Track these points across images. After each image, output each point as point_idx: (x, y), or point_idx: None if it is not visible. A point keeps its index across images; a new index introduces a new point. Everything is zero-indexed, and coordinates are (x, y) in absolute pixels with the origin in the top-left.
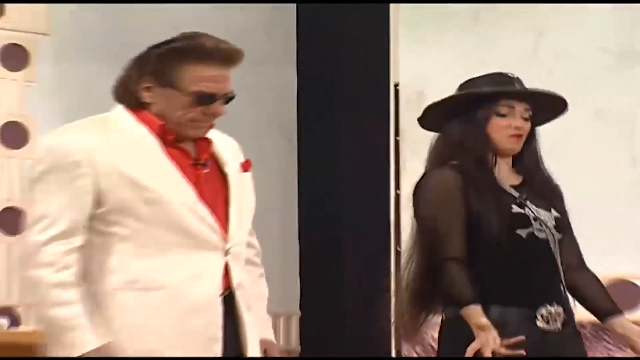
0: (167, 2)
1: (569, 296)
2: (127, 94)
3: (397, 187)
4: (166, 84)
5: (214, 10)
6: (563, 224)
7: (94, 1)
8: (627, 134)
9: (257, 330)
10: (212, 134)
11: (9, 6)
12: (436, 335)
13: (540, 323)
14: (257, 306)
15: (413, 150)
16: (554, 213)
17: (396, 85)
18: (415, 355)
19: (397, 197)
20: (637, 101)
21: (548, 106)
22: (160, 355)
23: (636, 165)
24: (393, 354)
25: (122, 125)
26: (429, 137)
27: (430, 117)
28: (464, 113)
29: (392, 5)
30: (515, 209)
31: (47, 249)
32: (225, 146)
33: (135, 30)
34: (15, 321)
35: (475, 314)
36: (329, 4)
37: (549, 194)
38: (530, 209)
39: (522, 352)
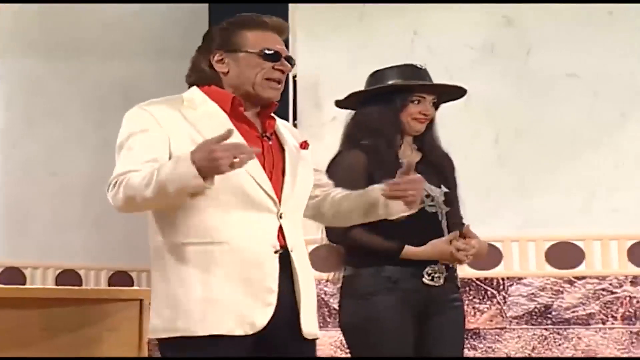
0: (94, 3)
1: None
2: (198, 73)
3: None
4: (235, 49)
5: (138, 10)
6: (451, 198)
7: (33, 1)
8: (490, 117)
9: (312, 286)
10: (278, 120)
11: None
12: (326, 290)
13: (425, 279)
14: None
15: (310, 133)
16: (444, 189)
17: (294, 76)
18: None
19: None
20: (497, 88)
21: (451, 93)
22: (223, 301)
23: (498, 143)
24: None
25: (196, 102)
26: (321, 120)
27: (348, 100)
28: (380, 100)
29: (290, 6)
30: None
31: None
32: (287, 128)
33: (68, 28)
34: None
35: (415, 250)
36: (238, 4)
37: (443, 169)
38: (424, 187)
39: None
